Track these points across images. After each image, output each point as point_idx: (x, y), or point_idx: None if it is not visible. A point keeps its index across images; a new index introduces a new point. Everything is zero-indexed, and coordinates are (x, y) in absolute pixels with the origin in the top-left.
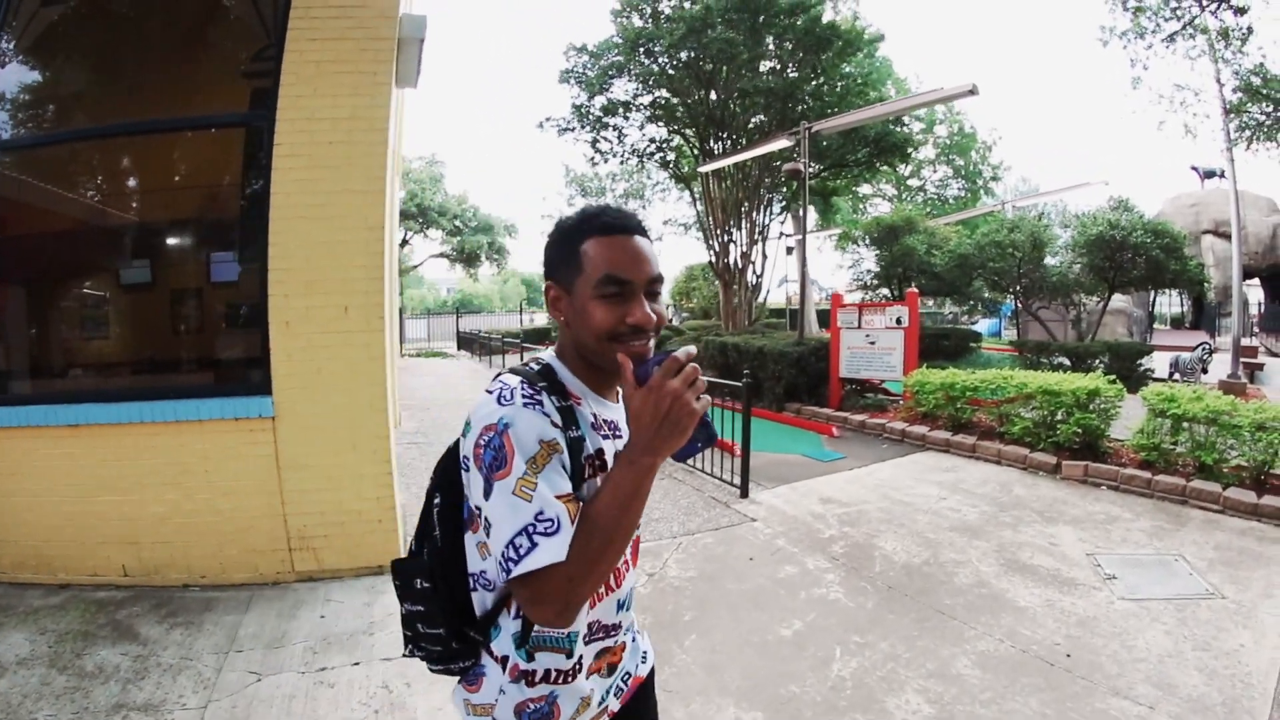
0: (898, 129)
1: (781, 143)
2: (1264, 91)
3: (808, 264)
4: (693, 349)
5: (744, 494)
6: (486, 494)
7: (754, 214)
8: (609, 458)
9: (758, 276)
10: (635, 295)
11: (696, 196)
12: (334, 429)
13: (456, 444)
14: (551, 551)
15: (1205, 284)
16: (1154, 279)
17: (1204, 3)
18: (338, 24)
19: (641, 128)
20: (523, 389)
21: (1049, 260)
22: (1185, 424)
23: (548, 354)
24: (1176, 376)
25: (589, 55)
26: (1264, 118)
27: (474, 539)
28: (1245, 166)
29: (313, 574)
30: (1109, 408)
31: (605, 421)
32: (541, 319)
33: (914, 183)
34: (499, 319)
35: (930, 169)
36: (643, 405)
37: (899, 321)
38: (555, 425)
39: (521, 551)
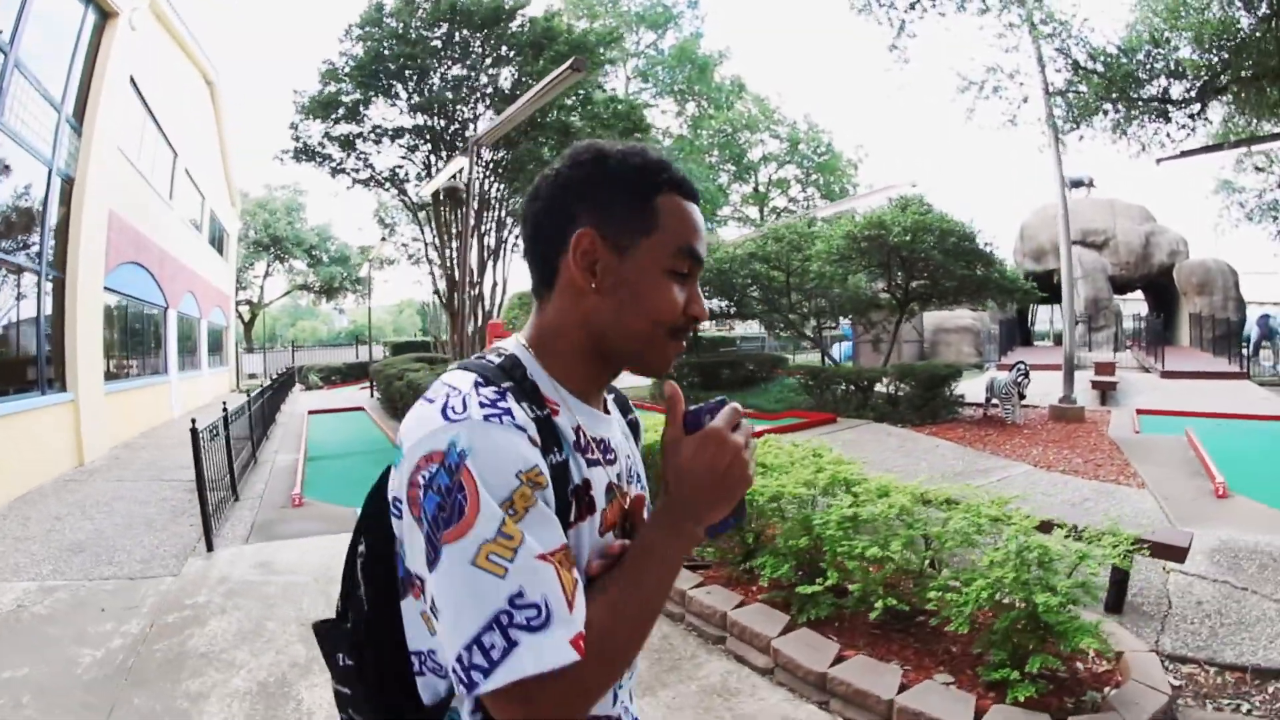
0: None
1: (460, 161)
2: (1092, 68)
3: None
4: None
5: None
6: (431, 563)
7: (483, 237)
8: (597, 493)
9: (492, 302)
10: (694, 280)
11: (422, 222)
12: None
13: (385, 474)
14: (541, 653)
15: (1025, 293)
16: (949, 290)
17: None
18: None
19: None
20: (479, 392)
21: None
22: None
23: (513, 342)
24: (994, 403)
25: (339, 80)
26: (1092, 97)
27: (415, 606)
28: (1118, 175)
29: None
30: None
31: (594, 440)
32: (372, 351)
33: (780, 203)
34: (343, 352)
35: (798, 189)
36: (697, 457)
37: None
38: (534, 444)
39: (495, 655)
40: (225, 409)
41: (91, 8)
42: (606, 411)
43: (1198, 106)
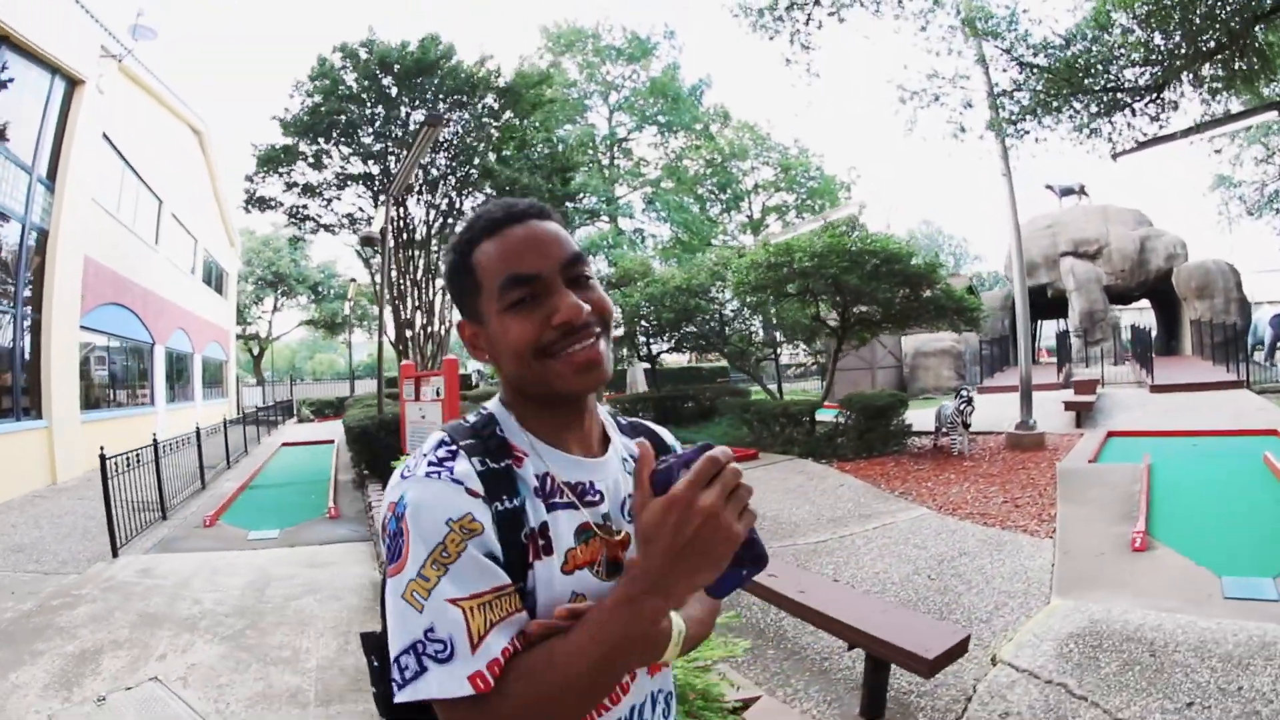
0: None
1: (379, 217)
2: (1034, 61)
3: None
4: (729, 450)
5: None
6: (382, 588)
7: (433, 280)
8: (557, 534)
9: (436, 339)
10: (553, 289)
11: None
12: None
13: None
14: (442, 682)
15: (974, 313)
16: (895, 314)
17: None
18: None
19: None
20: (434, 451)
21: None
22: None
23: (494, 402)
24: (944, 431)
25: (296, 132)
26: (1030, 99)
27: None
28: (1111, 179)
29: None
30: None
31: (564, 485)
32: (366, 386)
33: (776, 229)
34: (342, 386)
35: (794, 214)
36: (660, 523)
37: (438, 393)
38: (474, 495)
39: (407, 674)
40: (155, 441)
41: (59, 78)
42: (592, 454)
43: (1155, 93)
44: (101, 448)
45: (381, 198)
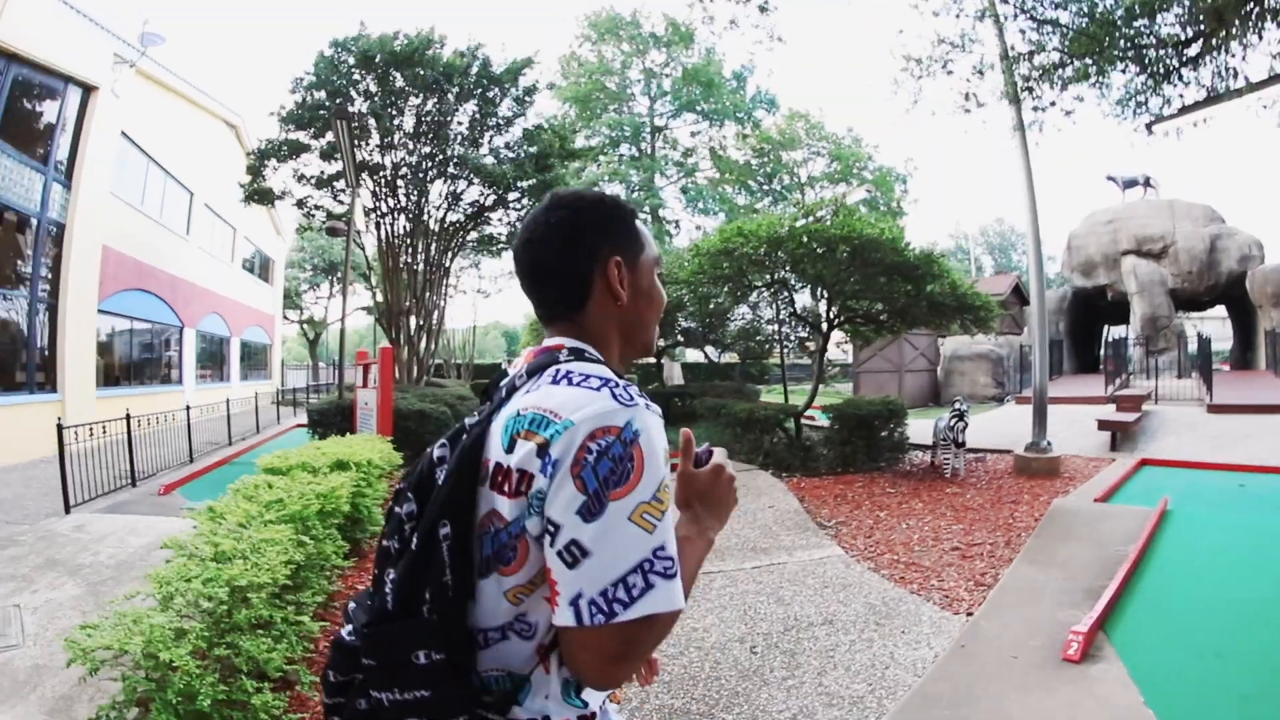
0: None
1: (353, 205)
2: (1058, 20)
3: None
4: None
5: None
6: (590, 514)
7: (418, 263)
8: None
9: (428, 328)
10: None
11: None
12: None
13: (459, 442)
14: (667, 597)
15: (983, 312)
16: (899, 311)
17: None
18: None
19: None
20: (628, 386)
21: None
22: None
23: (594, 365)
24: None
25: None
26: (1066, 57)
27: (501, 584)
28: (1179, 172)
29: None
30: None
31: None
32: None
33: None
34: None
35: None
36: (714, 486)
37: (373, 381)
38: None
39: (635, 593)
40: (128, 416)
41: (72, 86)
42: None
43: (1203, 49)
44: (59, 419)
45: (391, 186)
